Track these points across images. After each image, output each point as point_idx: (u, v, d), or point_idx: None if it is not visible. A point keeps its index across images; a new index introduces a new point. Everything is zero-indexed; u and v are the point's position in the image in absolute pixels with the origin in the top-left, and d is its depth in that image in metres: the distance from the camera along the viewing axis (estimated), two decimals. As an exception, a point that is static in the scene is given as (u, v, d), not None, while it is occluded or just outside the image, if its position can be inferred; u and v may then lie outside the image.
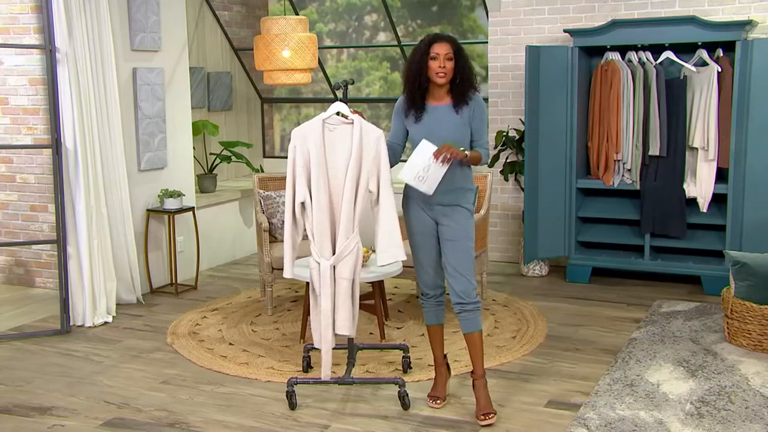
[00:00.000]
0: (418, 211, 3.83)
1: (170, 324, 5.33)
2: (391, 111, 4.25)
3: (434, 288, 3.93)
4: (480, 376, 3.83)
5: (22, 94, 5.76)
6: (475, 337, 3.80)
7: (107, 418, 3.86)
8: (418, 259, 3.91)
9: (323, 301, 3.77)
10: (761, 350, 4.58)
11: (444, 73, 3.71)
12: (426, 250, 3.87)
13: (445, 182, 3.71)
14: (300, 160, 3.76)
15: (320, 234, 3.75)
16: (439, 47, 3.71)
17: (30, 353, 4.80)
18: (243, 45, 8.01)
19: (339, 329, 3.79)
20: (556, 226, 6.24)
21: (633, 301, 5.70)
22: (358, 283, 3.84)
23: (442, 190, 3.73)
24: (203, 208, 6.79)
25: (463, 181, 3.80)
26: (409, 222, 3.88)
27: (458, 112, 3.76)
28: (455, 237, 3.77)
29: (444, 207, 3.78)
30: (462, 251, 3.77)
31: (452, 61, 3.72)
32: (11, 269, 6.19)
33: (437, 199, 3.77)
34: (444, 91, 3.79)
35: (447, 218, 3.79)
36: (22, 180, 5.94)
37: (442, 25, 7.75)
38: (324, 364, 3.81)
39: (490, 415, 3.75)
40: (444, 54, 3.70)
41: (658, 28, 5.79)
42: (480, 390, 3.81)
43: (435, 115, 3.77)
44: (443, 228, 3.80)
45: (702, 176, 5.81)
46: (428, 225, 3.83)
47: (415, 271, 3.98)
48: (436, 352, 4.01)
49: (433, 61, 3.71)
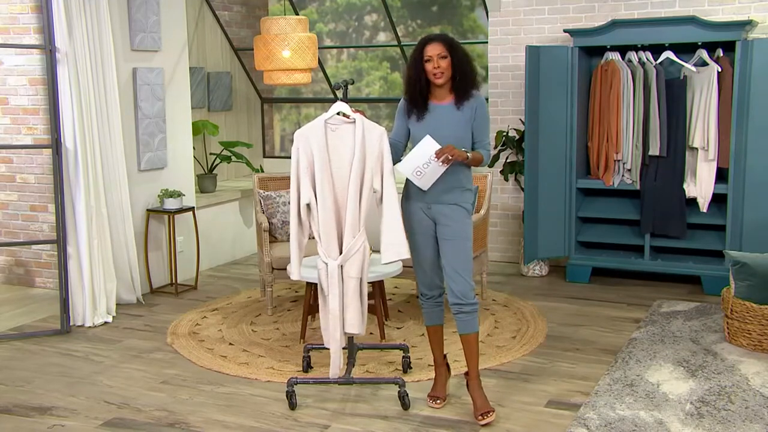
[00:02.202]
0: (417, 211, 3.83)
1: (170, 324, 5.33)
2: (392, 111, 4.26)
3: (433, 288, 3.93)
4: (474, 377, 3.83)
5: (22, 94, 5.76)
6: (470, 339, 3.80)
7: (107, 418, 3.86)
8: (416, 259, 3.91)
9: (332, 301, 3.77)
10: (761, 350, 4.58)
11: (440, 73, 3.71)
12: (424, 250, 3.87)
13: (445, 182, 3.72)
14: (303, 161, 3.76)
15: (327, 234, 3.76)
16: (432, 48, 3.72)
17: (30, 353, 4.80)
18: (243, 45, 8.01)
19: (348, 328, 3.80)
20: (556, 226, 6.24)
21: (633, 301, 5.70)
22: (366, 281, 3.85)
23: (441, 190, 3.74)
24: (203, 208, 6.79)
25: (462, 181, 3.80)
26: (407, 222, 3.88)
27: (460, 109, 3.76)
28: (453, 237, 3.77)
29: (442, 206, 3.78)
30: (460, 251, 3.77)
31: (446, 59, 3.71)
32: (11, 269, 6.19)
33: (436, 199, 3.77)
34: (446, 89, 3.79)
35: (445, 218, 3.78)
36: (22, 180, 5.94)
37: (442, 25, 7.75)
38: (333, 363, 3.81)
39: (489, 414, 3.74)
40: (437, 54, 3.70)
41: (658, 28, 5.79)
42: (475, 390, 3.82)
43: (437, 114, 3.77)
44: (441, 228, 3.80)
45: (702, 176, 5.81)
46: (427, 225, 3.84)
47: (414, 271, 3.98)
48: (436, 353, 4.01)
49: (427, 63, 3.72)
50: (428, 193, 3.76)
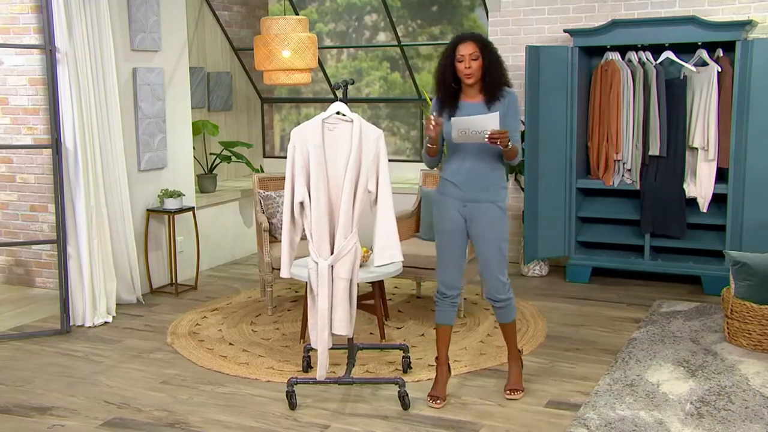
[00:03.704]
0: (450, 208, 3.87)
1: (170, 324, 5.32)
2: (391, 111, 4.29)
3: (451, 288, 3.94)
4: (514, 357, 4.09)
5: (22, 94, 5.76)
6: (507, 327, 4.04)
7: (107, 418, 3.86)
8: (441, 257, 3.93)
9: (320, 300, 3.77)
10: (761, 350, 4.58)
11: (471, 74, 3.74)
12: (451, 248, 3.89)
13: (483, 178, 3.79)
14: (299, 159, 3.76)
15: (319, 234, 3.75)
16: (464, 48, 3.74)
17: (30, 353, 4.80)
18: (243, 45, 8.01)
19: (336, 329, 3.79)
20: (556, 226, 6.24)
21: (633, 301, 5.70)
22: (356, 283, 3.84)
23: (478, 187, 3.80)
24: (203, 208, 6.79)
25: (498, 178, 3.85)
26: (438, 218, 3.92)
27: (490, 109, 3.79)
28: (488, 235, 3.83)
29: (479, 204, 3.82)
30: (495, 250, 3.85)
31: (478, 60, 3.74)
32: (11, 269, 6.19)
33: (472, 197, 3.81)
34: (476, 89, 3.82)
35: (480, 215, 3.83)
36: (22, 180, 5.94)
37: (442, 25, 7.75)
38: (320, 365, 3.81)
39: (517, 392, 3.99)
40: (469, 54, 3.73)
41: (658, 28, 5.79)
42: (512, 368, 4.09)
43: (468, 111, 3.80)
44: (475, 225, 3.84)
45: (702, 176, 5.81)
46: (458, 223, 3.87)
47: (436, 268, 4.00)
48: (441, 352, 4.02)
49: (459, 63, 3.75)
50: (464, 190, 3.80)
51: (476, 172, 3.81)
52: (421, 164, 7.66)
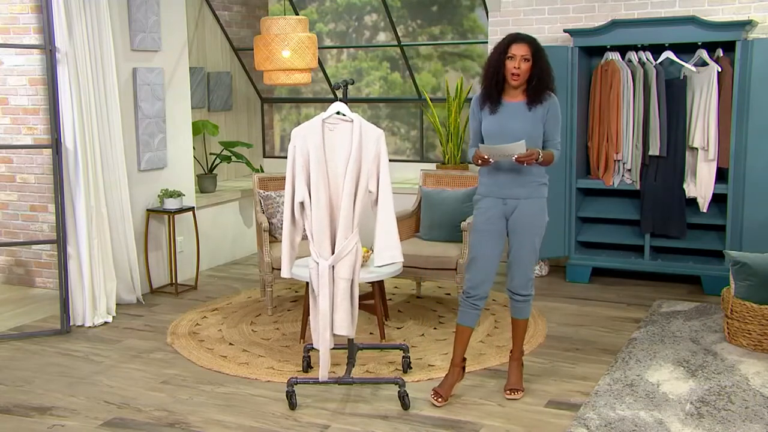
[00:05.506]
0: (491, 207, 3.89)
1: (170, 324, 5.32)
2: (391, 111, 4.31)
3: (476, 288, 3.94)
4: (516, 357, 4.10)
5: (22, 94, 5.76)
6: (520, 323, 4.08)
7: (107, 418, 3.86)
8: (474, 255, 3.94)
9: (321, 301, 3.76)
10: (761, 350, 4.58)
11: (518, 74, 3.76)
12: (486, 247, 3.91)
13: (521, 174, 3.82)
14: (299, 159, 3.76)
15: (319, 234, 3.75)
16: (517, 48, 3.76)
17: (30, 353, 4.80)
18: (243, 45, 8.01)
19: (337, 329, 3.79)
20: (556, 226, 6.24)
21: (633, 301, 5.70)
22: (357, 283, 3.84)
23: (517, 184, 3.84)
24: (203, 208, 6.79)
25: (536, 175, 3.88)
26: (477, 217, 3.94)
27: (531, 110, 3.81)
28: (525, 230, 3.88)
29: (520, 201, 3.86)
30: (528, 244, 3.90)
31: (529, 62, 3.77)
32: (11, 269, 6.19)
33: (512, 193, 3.85)
34: (520, 90, 3.85)
35: (520, 210, 3.87)
36: (22, 180, 5.94)
37: (442, 25, 7.75)
38: (322, 365, 3.81)
39: (517, 392, 3.99)
40: (521, 55, 3.75)
41: (658, 28, 5.79)
42: (513, 368, 4.10)
43: (509, 110, 3.83)
44: (514, 219, 3.88)
45: (702, 176, 5.81)
46: (497, 223, 3.90)
47: (466, 267, 4.02)
48: (457, 352, 4.02)
49: (509, 60, 3.76)
50: (504, 188, 3.85)
51: (515, 170, 3.85)
52: (421, 164, 7.69)
